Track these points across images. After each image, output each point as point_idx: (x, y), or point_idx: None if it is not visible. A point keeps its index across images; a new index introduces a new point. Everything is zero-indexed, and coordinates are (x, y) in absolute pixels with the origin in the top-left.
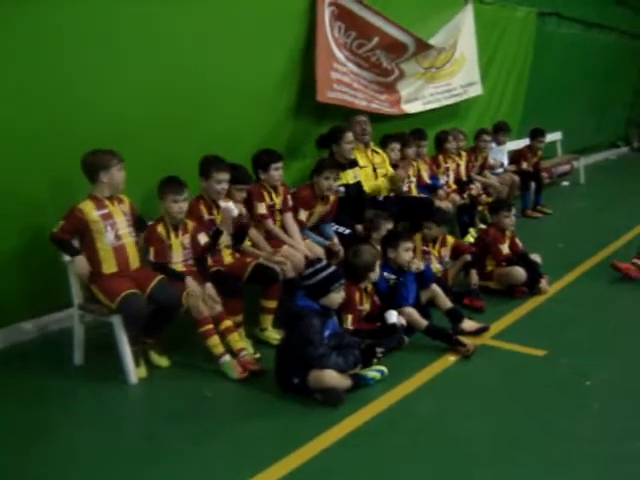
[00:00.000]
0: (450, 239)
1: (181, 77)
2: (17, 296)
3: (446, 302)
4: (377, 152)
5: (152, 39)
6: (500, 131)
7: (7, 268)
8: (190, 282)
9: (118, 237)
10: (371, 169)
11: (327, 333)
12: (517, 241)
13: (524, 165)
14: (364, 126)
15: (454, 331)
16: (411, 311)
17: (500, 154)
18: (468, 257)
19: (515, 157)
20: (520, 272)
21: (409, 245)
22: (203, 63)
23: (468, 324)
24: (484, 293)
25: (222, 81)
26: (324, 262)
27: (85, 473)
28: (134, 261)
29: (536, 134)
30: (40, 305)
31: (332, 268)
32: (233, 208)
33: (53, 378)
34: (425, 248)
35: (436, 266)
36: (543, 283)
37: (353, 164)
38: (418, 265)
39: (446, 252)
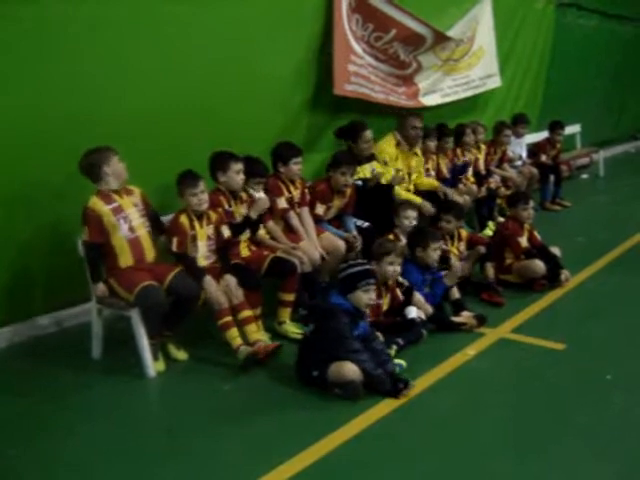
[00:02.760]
0: (464, 232)
1: (196, 71)
2: (34, 290)
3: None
4: (417, 154)
5: (170, 34)
6: (519, 123)
7: (24, 262)
8: (209, 283)
9: (132, 229)
10: (406, 173)
11: (356, 334)
12: (536, 234)
13: (543, 158)
14: (419, 132)
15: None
16: (419, 297)
17: (518, 147)
18: (482, 249)
19: (534, 150)
20: (539, 265)
21: (438, 245)
22: (219, 57)
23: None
24: (503, 286)
25: (238, 74)
26: (359, 259)
27: (102, 467)
28: (149, 253)
29: (555, 127)
30: (57, 299)
31: (364, 266)
32: (266, 199)
33: (71, 372)
34: (444, 246)
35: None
36: (564, 276)
37: (370, 158)
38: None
39: (463, 247)
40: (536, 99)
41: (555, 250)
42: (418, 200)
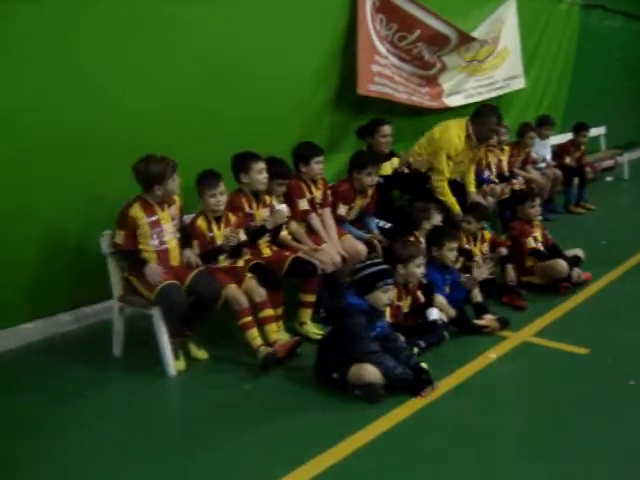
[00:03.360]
0: (487, 234)
1: (220, 71)
2: (56, 287)
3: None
4: (479, 151)
5: (190, 32)
6: (544, 125)
7: (46, 260)
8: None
9: (163, 242)
10: (466, 167)
11: (373, 334)
12: (547, 233)
13: (567, 160)
14: (494, 135)
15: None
16: (441, 299)
17: (543, 148)
18: (504, 251)
19: (558, 152)
20: (562, 265)
21: (454, 245)
22: (242, 56)
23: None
24: (526, 289)
25: (262, 74)
26: (378, 259)
27: (122, 464)
28: (175, 260)
29: (580, 128)
30: (79, 297)
31: (382, 266)
32: (286, 211)
33: (91, 369)
34: (467, 246)
35: (482, 275)
36: (575, 274)
37: (391, 155)
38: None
39: (486, 248)
40: (560, 100)
41: (578, 252)
42: (457, 210)
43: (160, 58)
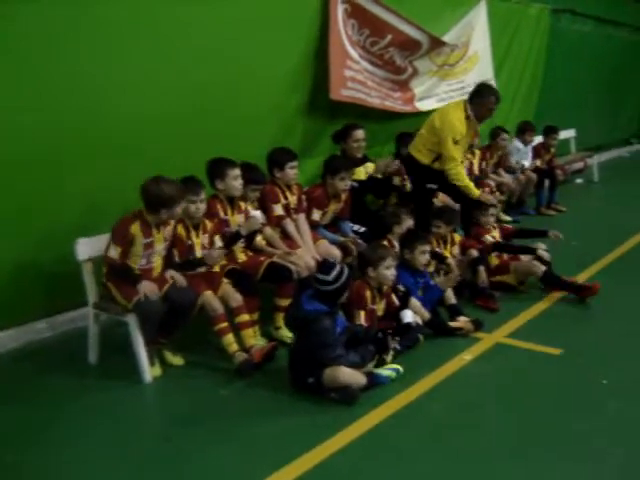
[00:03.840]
0: (457, 237)
1: (191, 77)
2: (30, 295)
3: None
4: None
5: (167, 36)
6: (527, 131)
7: (20, 266)
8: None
9: (149, 262)
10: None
11: (339, 330)
12: (506, 225)
13: (538, 163)
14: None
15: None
16: (415, 302)
17: (525, 155)
18: (474, 253)
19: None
20: (538, 265)
21: (426, 248)
22: (214, 62)
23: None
24: (499, 289)
25: (234, 80)
26: (339, 267)
27: (98, 472)
28: (155, 272)
29: (549, 131)
30: (54, 304)
31: (347, 272)
32: (260, 217)
33: (67, 376)
34: (437, 250)
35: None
36: (540, 251)
37: (364, 160)
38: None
39: (457, 251)
40: (531, 104)
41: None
42: (476, 192)
43: (137, 61)
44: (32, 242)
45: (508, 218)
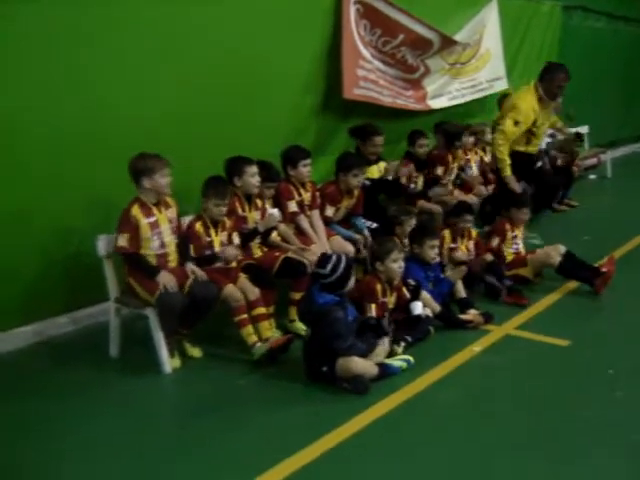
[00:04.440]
0: (474, 232)
1: (208, 77)
2: (51, 290)
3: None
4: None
5: (177, 36)
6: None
7: (42, 263)
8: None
9: (163, 245)
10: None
11: (350, 319)
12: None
13: (559, 161)
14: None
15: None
16: (426, 295)
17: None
18: (489, 257)
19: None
20: (554, 256)
21: (434, 242)
22: (230, 63)
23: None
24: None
25: (249, 80)
26: (335, 257)
27: (119, 460)
28: (173, 262)
29: (576, 137)
30: (75, 299)
31: (344, 262)
32: (278, 215)
33: (89, 369)
34: (453, 245)
35: (462, 256)
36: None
37: (377, 159)
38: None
39: (471, 245)
40: None
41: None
42: (508, 172)
43: (143, 61)
44: (55, 239)
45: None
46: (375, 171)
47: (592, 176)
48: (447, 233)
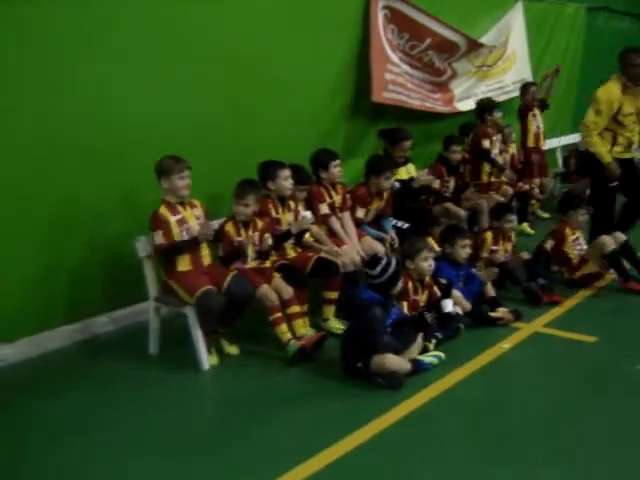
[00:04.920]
0: (513, 234)
1: (238, 80)
2: (93, 290)
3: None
4: None
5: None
6: None
7: (83, 263)
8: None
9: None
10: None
11: (390, 321)
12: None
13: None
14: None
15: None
16: (457, 293)
17: None
18: (525, 255)
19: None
20: (609, 241)
21: (466, 242)
22: (263, 65)
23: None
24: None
25: (280, 83)
26: (385, 259)
27: (159, 452)
28: (206, 259)
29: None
30: (115, 299)
31: (394, 264)
32: (311, 218)
33: (129, 366)
34: (494, 247)
35: (500, 258)
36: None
37: (406, 161)
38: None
39: (511, 247)
40: (569, 102)
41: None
42: (607, 159)
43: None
44: (98, 240)
45: (546, 215)
46: (404, 173)
47: None
48: (489, 235)
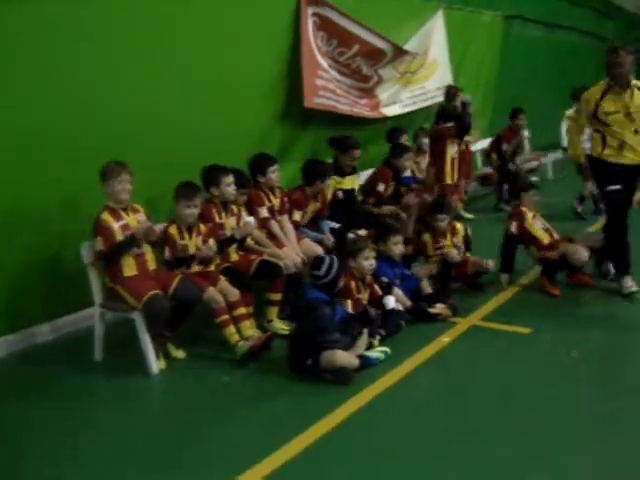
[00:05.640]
0: (459, 227)
1: (171, 84)
2: (32, 299)
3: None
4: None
5: (139, 45)
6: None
7: (22, 271)
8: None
9: (138, 246)
10: (624, 114)
11: (337, 317)
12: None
13: (504, 146)
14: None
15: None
16: (397, 291)
17: None
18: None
19: (496, 141)
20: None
21: (398, 239)
22: (197, 68)
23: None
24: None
25: (215, 86)
26: (328, 259)
27: (111, 459)
28: (151, 264)
29: (516, 113)
30: (57, 307)
31: (337, 263)
32: (253, 223)
33: (76, 374)
34: (437, 244)
35: (455, 257)
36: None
37: (353, 172)
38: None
39: (458, 240)
40: (487, 107)
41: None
42: (577, 152)
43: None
44: (34, 247)
45: (470, 216)
46: (348, 183)
47: (534, 178)
48: (427, 236)
